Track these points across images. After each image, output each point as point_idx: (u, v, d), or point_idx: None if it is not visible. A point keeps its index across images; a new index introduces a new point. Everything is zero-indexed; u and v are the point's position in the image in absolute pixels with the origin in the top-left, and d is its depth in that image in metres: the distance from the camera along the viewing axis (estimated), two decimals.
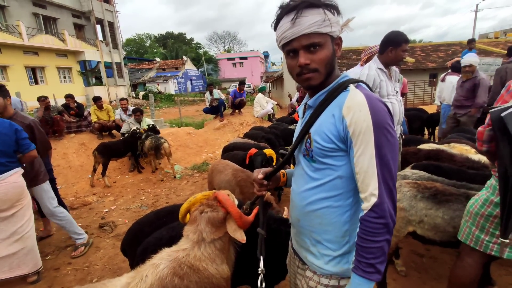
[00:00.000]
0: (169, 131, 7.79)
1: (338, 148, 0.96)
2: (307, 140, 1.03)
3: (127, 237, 2.12)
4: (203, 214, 1.40)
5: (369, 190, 0.90)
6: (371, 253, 0.90)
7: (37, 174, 3.03)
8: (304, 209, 1.08)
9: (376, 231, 0.89)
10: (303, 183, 1.09)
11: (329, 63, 0.97)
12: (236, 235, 1.36)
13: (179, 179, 5.80)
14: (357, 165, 0.91)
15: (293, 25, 0.92)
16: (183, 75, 37.42)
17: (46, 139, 3.15)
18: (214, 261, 1.37)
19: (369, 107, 0.89)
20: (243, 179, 3.22)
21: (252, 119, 9.17)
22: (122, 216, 4.24)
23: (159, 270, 1.31)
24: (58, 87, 19.49)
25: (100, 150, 5.36)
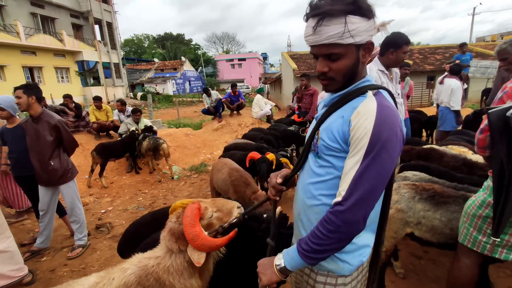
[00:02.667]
0: (167, 132, 7.77)
1: (342, 149, 0.96)
2: (315, 136, 1.04)
3: (124, 239, 2.11)
4: (169, 222, 1.36)
5: (339, 189, 0.92)
6: (313, 236, 0.93)
7: (65, 172, 3.10)
8: (305, 203, 1.09)
9: (326, 224, 0.91)
10: (307, 177, 1.09)
11: (348, 72, 0.96)
12: (192, 256, 1.25)
13: (177, 180, 5.77)
14: (344, 166, 0.93)
15: (314, 33, 0.91)
16: (182, 76, 37.38)
17: (73, 138, 3.20)
18: (182, 275, 1.31)
19: (376, 117, 0.88)
20: (236, 178, 3.24)
21: (250, 120, 9.16)
22: (119, 217, 4.21)
23: (126, 275, 1.27)
24: (55, 87, 19.41)
25: (99, 151, 5.34)
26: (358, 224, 0.90)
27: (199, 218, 1.31)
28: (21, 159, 3.12)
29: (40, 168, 3.02)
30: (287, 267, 0.98)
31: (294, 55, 17.71)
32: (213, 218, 1.38)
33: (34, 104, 2.95)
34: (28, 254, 3.23)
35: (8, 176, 3.86)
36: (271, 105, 9.61)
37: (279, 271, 0.99)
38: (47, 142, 2.99)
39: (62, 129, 3.03)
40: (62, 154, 3.12)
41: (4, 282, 2.66)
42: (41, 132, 2.96)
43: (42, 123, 2.98)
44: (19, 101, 2.89)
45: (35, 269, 3.00)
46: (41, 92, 3.05)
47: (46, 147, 2.99)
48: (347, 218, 0.88)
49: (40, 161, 3.00)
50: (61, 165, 3.06)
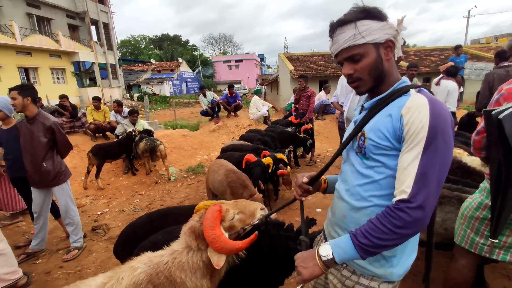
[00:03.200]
0: (164, 133, 7.74)
1: (393, 146, 0.96)
2: (361, 137, 1.04)
3: (120, 240, 2.09)
4: (191, 220, 1.37)
5: (402, 187, 0.89)
6: (374, 230, 0.90)
7: (58, 174, 3.07)
8: (353, 205, 1.07)
9: (392, 219, 0.87)
10: (353, 179, 1.08)
11: (373, 70, 1.01)
12: (212, 257, 1.25)
13: (174, 181, 5.75)
14: (400, 161, 0.92)
15: (333, 43, 1.03)
16: (178, 77, 37.31)
17: (67, 141, 3.17)
18: (195, 273, 1.30)
19: (430, 110, 0.89)
20: (234, 180, 3.23)
21: (247, 121, 9.15)
22: (115, 219, 4.18)
23: (135, 274, 1.26)
24: (51, 88, 19.28)
25: (95, 152, 5.30)
26: (426, 220, 0.88)
27: (220, 220, 1.31)
28: (17, 161, 3.09)
29: (32, 169, 2.99)
30: (336, 259, 0.93)
31: (291, 56, 17.76)
32: (235, 220, 1.37)
33: (30, 105, 2.93)
34: (23, 256, 3.20)
35: (3, 178, 3.82)
36: (268, 107, 9.61)
37: (324, 263, 0.94)
38: (41, 144, 2.96)
39: (56, 131, 3.01)
40: (55, 156, 3.09)
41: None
42: (35, 133, 2.93)
43: (37, 124, 2.95)
44: (14, 102, 2.86)
45: (30, 271, 2.97)
46: (36, 93, 3.02)
47: (39, 149, 2.96)
48: (418, 215, 0.86)
49: (33, 162, 2.97)
50: (54, 167, 3.03)
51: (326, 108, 9.65)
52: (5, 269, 2.66)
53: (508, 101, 1.47)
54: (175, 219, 2.07)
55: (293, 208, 4.07)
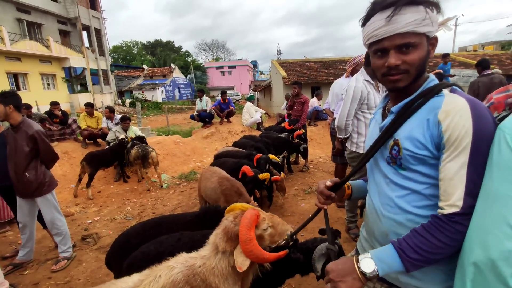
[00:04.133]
0: (156, 139, 7.68)
1: (433, 156, 0.88)
2: (394, 147, 0.96)
3: (112, 250, 2.05)
4: (225, 220, 1.38)
5: (452, 200, 0.82)
6: (425, 244, 0.83)
7: (40, 185, 2.97)
8: (395, 220, 0.98)
9: (447, 232, 0.81)
10: (390, 192, 0.99)
11: (422, 65, 0.91)
12: (237, 259, 1.26)
13: (166, 188, 5.69)
14: (443, 171, 0.84)
15: (388, 23, 0.87)
16: (171, 83, 37.23)
17: (52, 150, 3.05)
18: (227, 279, 1.31)
19: (472, 113, 0.81)
20: (228, 188, 3.20)
21: (240, 127, 9.16)
22: (106, 228, 4.10)
23: (173, 273, 1.29)
24: (41, 94, 18.98)
25: (89, 160, 5.21)
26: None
27: (255, 224, 1.32)
28: (2, 169, 3.02)
29: (15, 179, 2.92)
30: (380, 274, 0.86)
31: (284, 63, 17.92)
32: (266, 232, 1.37)
33: (13, 113, 2.84)
34: (10, 267, 3.10)
35: None
36: (261, 113, 9.65)
37: (366, 278, 0.87)
38: (23, 153, 2.86)
39: (39, 140, 2.90)
40: (39, 166, 2.98)
41: None
42: (18, 142, 2.86)
43: (21, 132, 2.87)
44: None
45: (17, 283, 2.88)
46: (19, 100, 2.94)
47: (22, 158, 2.87)
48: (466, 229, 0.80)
49: (16, 171, 2.89)
50: (37, 177, 2.93)
51: (319, 115, 9.73)
52: None
53: (499, 110, 1.50)
54: (168, 228, 2.04)
55: (286, 215, 4.06)
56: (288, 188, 5.10)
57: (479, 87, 4.48)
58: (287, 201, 4.58)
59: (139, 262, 1.67)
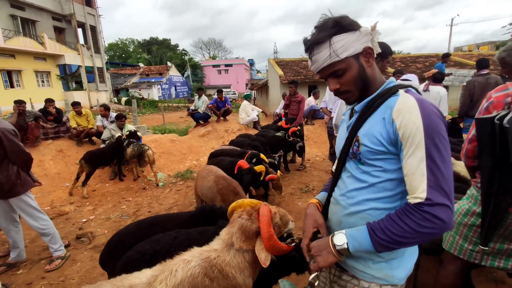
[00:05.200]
0: (152, 138, 7.63)
1: (388, 151, 0.96)
2: (355, 143, 1.03)
3: (107, 249, 2.02)
4: (239, 219, 1.41)
5: (416, 193, 0.88)
6: (394, 228, 0.89)
7: (13, 186, 2.83)
8: (349, 210, 1.07)
9: (416, 219, 0.86)
10: (349, 184, 1.08)
11: (358, 81, 1.01)
12: (260, 255, 1.31)
13: (162, 187, 5.65)
14: (406, 167, 0.91)
15: (312, 63, 1.03)
16: (167, 81, 37.04)
17: (20, 150, 2.87)
18: (243, 271, 1.37)
19: (420, 110, 0.89)
20: (224, 187, 3.17)
21: (237, 126, 9.13)
22: (101, 226, 4.06)
23: (190, 267, 1.30)
24: (35, 91, 18.80)
25: (88, 159, 5.15)
26: (451, 221, 0.86)
27: (271, 219, 1.38)
28: None
29: None
30: (350, 249, 0.95)
31: (281, 61, 17.91)
32: (276, 225, 1.44)
33: None
34: (3, 268, 3.06)
35: None
36: (258, 111, 9.62)
37: (338, 252, 0.96)
38: None
39: (4, 139, 2.71)
40: (11, 167, 2.83)
41: None
42: None
43: None
44: None
45: (10, 282, 2.84)
46: None
47: None
48: (443, 213, 0.85)
49: None
50: (8, 179, 2.78)
51: (315, 113, 9.74)
52: None
53: (498, 109, 1.50)
54: (164, 228, 2.02)
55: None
56: (284, 187, 5.10)
57: (474, 87, 4.50)
58: (284, 200, 4.57)
59: (134, 261, 1.65)
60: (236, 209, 1.51)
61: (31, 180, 3.05)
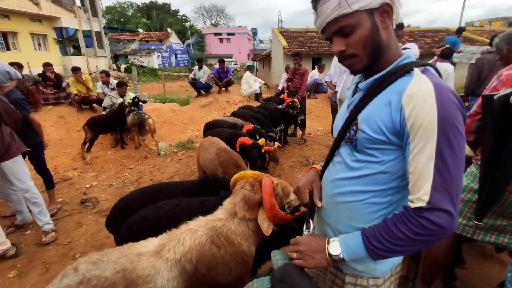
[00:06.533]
0: (153, 106, 7.58)
1: (389, 141, 0.84)
2: (353, 126, 0.91)
3: (112, 214, 2.09)
4: (242, 189, 1.45)
5: (419, 194, 0.78)
6: (389, 235, 0.81)
7: (9, 147, 2.80)
8: (334, 199, 1.00)
9: (411, 225, 0.78)
10: (339, 171, 0.99)
11: (369, 43, 0.85)
12: (263, 224, 1.36)
13: (164, 156, 5.71)
14: (412, 164, 0.79)
15: (318, 15, 0.87)
16: (168, 49, 36.04)
17: (11, 108, 2.83)
18: (247, 239, 1.43)
19: (437, 99, 0.75)
20: (226, 159, 3.19)
21: (239, 97, 9.03)
22: (104, 192, 4.16)
23: (197, 236, 1.35)
24: (32, 55, 18.31)
25: (91, 125, 5.18)
26: (454, 224, 0.77)
27: (273, 190, 1.41)
28: None
29: None
30: (346, 258, 0.88)
31: (285, 32, 17.32)
32: (278, 196, 1.48)
33: None
34: (11, 228, 3.17)
35: None
36: (260, 83, 9.47)
37: (334, 261, 0.90)
38: None
39: None
40: (4, 128, 2.78)
41: None
42: None
43: None
44: None
45: (19, 242, 2.96)
46: None
47: None
48: (443, 220, 0.75)
49: None
50: (3, 140, 2.74)
51: (319, 87, 9.60)
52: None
53: (507, 87, 1.48)
54: (167, 195, 2.07)
55: None
56: (285, 160, 5.16)
57: (483, 64, 4.40)
58: (284, 173, 4.65)
59: (138, 225, 1.72)
60: (239, 180, 1.55)
61: (23, 144, 2.99)
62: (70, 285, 1.14)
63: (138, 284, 1.19)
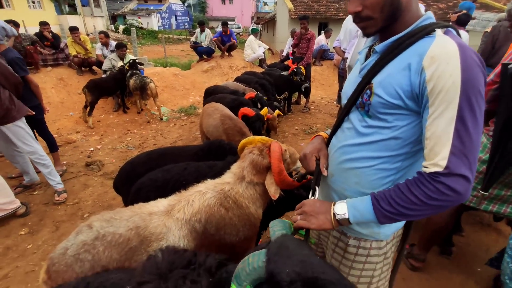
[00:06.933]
0: (155, 70, 7.39)
1: (405, 106, 0.81)
2: (366, 91, 0.88)
3: (120, 176, 2.12)
4: (250, 154, 1.46)
5: (436, 159, 0.75)
6: (401, 198, 0.79)
7: (8, 111, 2.75)
8: (342, 165, 0.99)
9: (425, 189, 0.76)
10: (348, 137, 0.97)
11: (387, 6, 0.81)
12: (270, 189, 1.38)
13: (166, 121, 5.68)
14: (430, 129, 0.76)
15: None
16: (167, 10, 34.43)
17: (9, 71, 2.76)
18: (255, 203, 1.46)
19: (461, 60, 0.71)
20: (230, 127, 3.15)
21: (242, 63, 8.77)
22: (108, 156, 4.19)
23: (206, 198, 1.38)
24: (26, 13, 17.54)
25: (91, 87, 5.07)
26: (469, 191, 0.75)
27: (281, 155, 1.42)
28: None
29: None
30: (351, 220, 0.86)
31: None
32: (285, 161, 1.49)
33: None
34: (19, 188, 3.24)
35: None
36: (264, 48, 9.13)
37: (337, 221, 0.88)
38: None
39: None
40: (2, 91, 2.72)
41: None
42: None
43: None
44: None
45: (28, 202, 3.03)
46: None
47: None
48: (457, 189, 0.73)
49: None
50: (2, 103, 2.68)
51: (325, 54, 9.29)
52: (2, 199, 2.70)
53: None
54: (173, 159, 2.07)
55: None
56: (288, 128, 5.14)
57: (499, 32, 4.19)
58: (287, 140, 4.65)
59: (147, 187, 1.74)
60: (247, 145, 1.55)
61: (26, 107, 2.94)
62: (86, 240, 1.18)
63: (151, 240, 1.22)
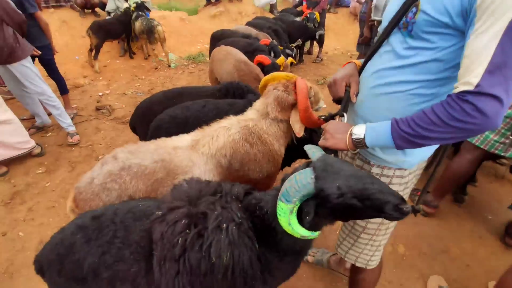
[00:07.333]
0: (160, 14, 6.98)
1: (453, 25, 0.75)
2: (412, 8, 0.82)
3: (136, 115, 2.08)
4: (275, 90, 1.41)
5: (467, 77, 0.69)
6: (421, 119, 0.76)
7: (12, 50, 2.67)
8: (375, 90, 0.96)
9: (450, 109, 0.71)
10: (385, 60, 0.93)
11: None
12: (295, 126, 1.37)
13: (174, 68, 5.50)
14: (470, 46, 0.70)
15: None
16: None
17: (12, 8, 2.62)
18: (278, 140, 1.46)
19: None
20: (246, 73, 2.98)
21: (252, 8, 8.22)
22: (118, 101, 4.14)
23: (231, 133, 1.37)
24: None
25: (95, 30, 4.79)
26: (500, 116, 0.68)
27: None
28: None
29: None
30: (367, 141, 0.86)
31: None
32: (310, 100, 1.46)
33: None
34: (33, 130, 3.25)
35: None
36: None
37: (353, 142, 0.88)
38: None
39: None
40: (6, 29, 2.62)
41: (14, 153, 2.73)
42: None
43: None
44: None
45: (42, 143, 3.06)
46: None
47: None
48: (486, 111, 0.67)
49: None
50: (6, 42, 2.60)
51: (341, 1, 8.64)
52: (17, 138, 2.72)
53: None
54: (190, 98, 2.01)
55: None
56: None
57: None
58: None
59: (167, 124, 1.71)
60: (270, 82, 1.49)
61: (31, 46, 2.86)
62: (112, 170, 1.17)
63: (177, 173, 1.22)
